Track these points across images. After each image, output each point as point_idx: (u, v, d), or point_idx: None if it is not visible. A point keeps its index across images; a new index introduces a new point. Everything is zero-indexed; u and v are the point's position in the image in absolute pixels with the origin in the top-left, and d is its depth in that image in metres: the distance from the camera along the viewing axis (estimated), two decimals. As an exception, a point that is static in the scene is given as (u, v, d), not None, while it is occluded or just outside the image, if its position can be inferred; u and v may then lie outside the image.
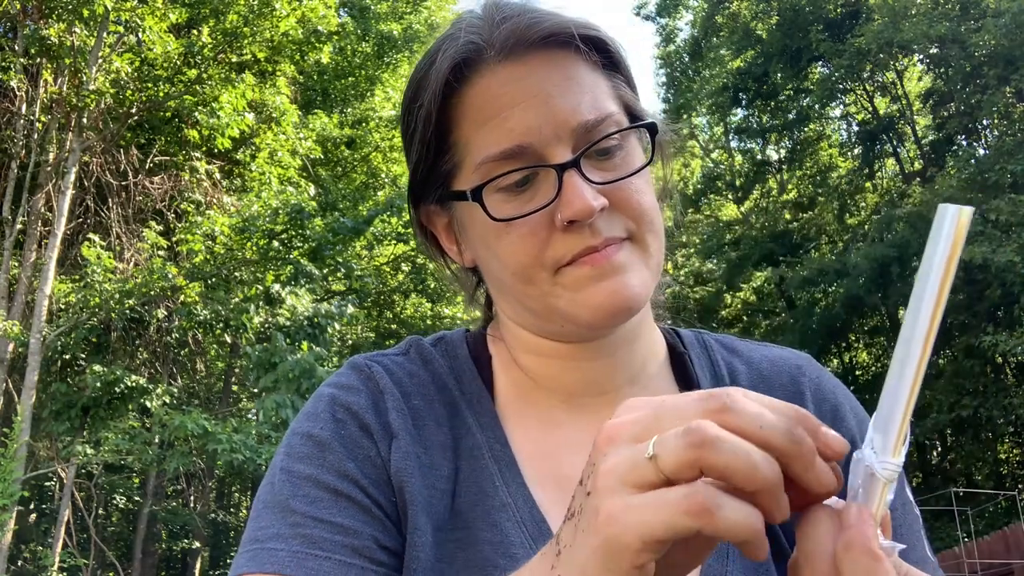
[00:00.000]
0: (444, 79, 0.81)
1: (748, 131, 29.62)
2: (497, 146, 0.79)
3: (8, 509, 11.50)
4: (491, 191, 0.79)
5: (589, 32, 0.82)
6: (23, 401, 12.95)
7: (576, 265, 0.78)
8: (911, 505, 0.87)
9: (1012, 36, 19.74)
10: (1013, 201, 18.07)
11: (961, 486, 21.55)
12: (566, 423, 0.87)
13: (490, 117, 0.79)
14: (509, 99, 0.79)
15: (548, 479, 0.83)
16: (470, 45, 0.81)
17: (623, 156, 0.81)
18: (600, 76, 0.83)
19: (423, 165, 0.86)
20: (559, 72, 0.80)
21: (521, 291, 0.82)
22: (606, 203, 0.78)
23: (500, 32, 0.81)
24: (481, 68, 0.81)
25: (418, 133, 0.84)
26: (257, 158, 16.42)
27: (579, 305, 0.79)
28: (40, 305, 13.60)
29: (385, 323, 22.14)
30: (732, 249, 27.89)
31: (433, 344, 0.93)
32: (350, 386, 0.86)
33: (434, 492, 0.81)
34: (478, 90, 0.81)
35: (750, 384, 0.91)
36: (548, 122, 0.78)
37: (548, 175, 0.78)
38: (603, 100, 0.81)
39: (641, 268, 0.80)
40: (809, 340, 23.45)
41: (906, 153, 27.41)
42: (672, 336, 0.96)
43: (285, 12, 14.59)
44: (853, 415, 0.91)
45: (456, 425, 0.85)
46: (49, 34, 13.64)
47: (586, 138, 0.79)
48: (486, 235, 0.82)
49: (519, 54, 0.80)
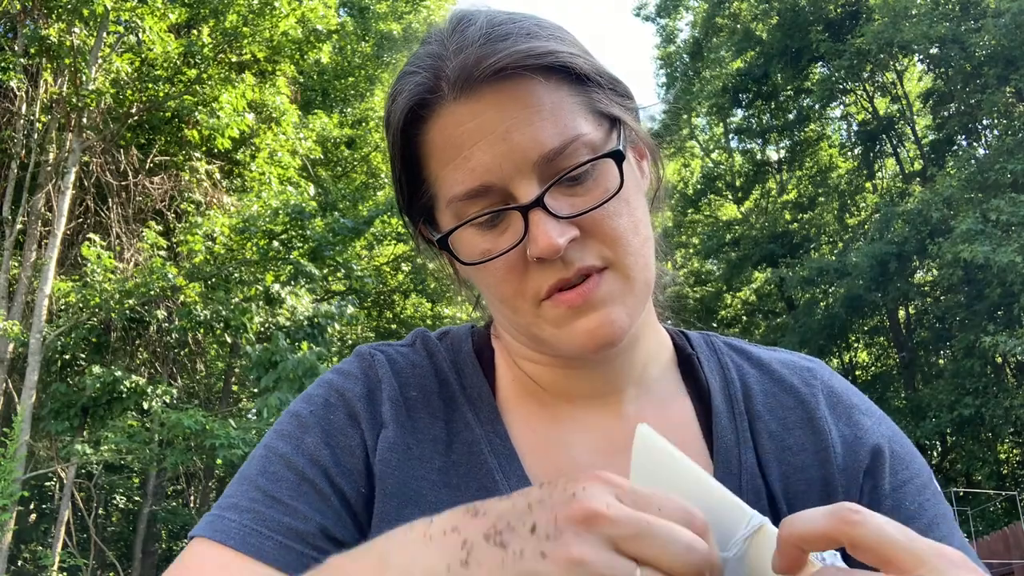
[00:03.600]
0: (402, 123, 0.81)
1: (748, 131, 29.61)
2: (462, 185, 0.78)
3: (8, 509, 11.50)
4: (462, 230, 0.79)
5: (544, 61, 0.78)
6: (23, 401, 12.95)
7: (553, 301, 0.78)
8: (940, 496, 0.88)
9: (1012, 36, 19.73)
10: (1013, 200, 18.06)
11: (961, 486, 21.54)
12: (568, 419, 0.87)
13: (452, 157, 0.78)
14: (468, 137, 0.77)
15: (550, 473, 0.83)
16: (424, 85, 0.79)
17: (595, 179, 0.78)
18: (564, 94, 0.79)
19: (403, 195, 0.86)
20: (516, 103, 0.77)
21: (508, 317, 0.83)
22: (576, 234, 0.76)
23: (453, 67, 0.78)
24: (438, 108, 0.79)
25: (395, 165, 0.85)
26: (257, 158, 16.41)
27: (560, 340, 0.79)
28: (40, 305, 13.60)
29: (385, 323, 22.15)
30: (732, 249, 27.89)
31: (439, 338, 0.93)
32: (349, 373, 0.87)
33: (423, 484, 0.81)
34: (438, 129, 0.79)
35: (762, 387, 0.90)
36: (508, 159, 0.76)
37: (514, 213, 0.77)
38: (568, 122, 0.78)
39: (623, 297, 0.79)
40: (809, 340, 23.43)
41: (906, 153, 27.41)
42: (680, 338, 0.95)
43: (285, 12, 14.59)
44: (867, 415, 0.91)
45: (453, 420, 0.86)
46: (49, 34, 13.64)
47: (551, 168, 0.77)
48: (467, 270, 0.83)
49: (473, 89, 0.78)
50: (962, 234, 17.99)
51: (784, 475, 0.84)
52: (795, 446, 0.86)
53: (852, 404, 0.90)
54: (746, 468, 0.84)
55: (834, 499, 0.83)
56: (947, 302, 23.27)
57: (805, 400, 0.89)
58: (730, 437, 0.86)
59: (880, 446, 0.87)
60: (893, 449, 0.88)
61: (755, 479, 0.84)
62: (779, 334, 25.36)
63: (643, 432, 0.62)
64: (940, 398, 20.87)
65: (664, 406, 0.89)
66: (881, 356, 27.13)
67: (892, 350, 26.13)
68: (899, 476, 0.86)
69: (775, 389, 0.90)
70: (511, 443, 0.84)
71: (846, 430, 0.87)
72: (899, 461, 0.87)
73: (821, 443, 0.86)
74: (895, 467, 0.86)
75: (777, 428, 0.87)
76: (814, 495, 0.83)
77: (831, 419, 0.88)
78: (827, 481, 0.84)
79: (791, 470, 0.85)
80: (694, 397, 0.91)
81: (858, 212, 27.99)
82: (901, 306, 24.90)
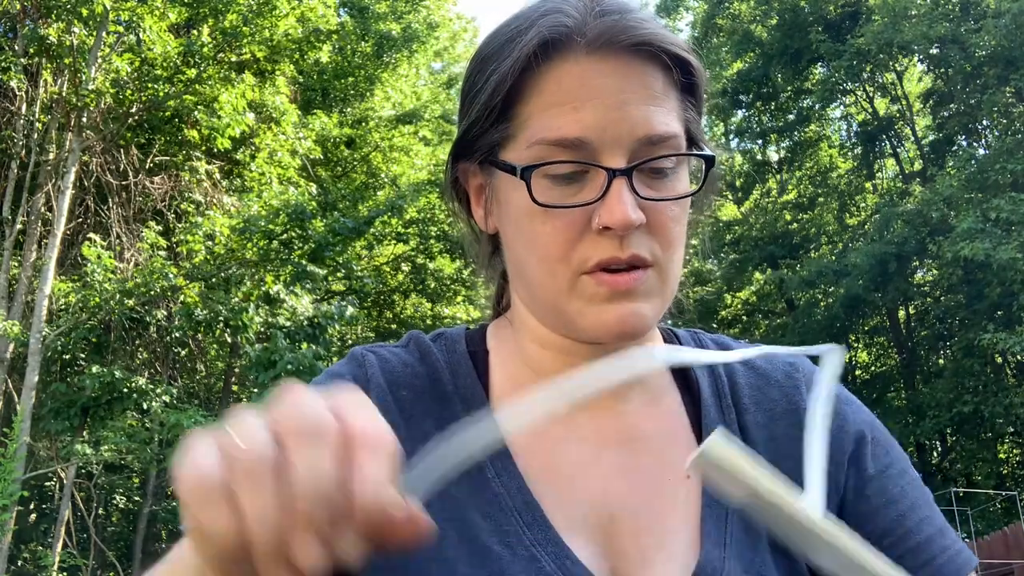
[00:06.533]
0: (531, 52, 0.80)
1: (748, 132, 29.62)
2: (559, 131, 0.78)
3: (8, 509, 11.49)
4: (538, 174, 0.79)
5: (679, 52, 0.81)
6: (23, 401, 12.95)
7: (595, 277, 0.79)
8: (919, 481, 0.90)
9: (1012, 36, 19.74)
10: (1014, 199, 18.07)
11: (961, 486, 21.53)
12: (562, 417, 0.87)
13: (562, 102, 0.79)
14: (584, 92, 0.78)
15: (543, 470, 0.83)
16: (563, 28, 0.80)
17: (673, 181, 0.81)
18: (675, 95, 0.82)
19: (477, 128, 0.85)
20: (640, 80, 0.79)
21: (540, 280, 0.82)
22: (644, 219, 0.78)
23: (595, 25, 0.80)
24: (567, 53, 0.80)
25: (483, 95, 0.83)
26: (257, 158, 16.41)
27: (587, 318, 0.80)
28: (40, 305, 13.60)
29: (385, 323, 22.14)
30: (732, 250, 27.90)
31: (433, 340, 0.93)
32: (338, 373, 0.88)
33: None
34: (558, 73, 0.80)
35: (747, 381, 0.92)
36: (614, 126, 0.77)
37: (597, 176, 0.78)
38: (672, 120, 0.80)
39: (656, 298, 0.81)
40: (809, 340, 23.42)
41: (906, 153, 27.41)
42: (669, 335, 0.97)
43: (285, 11, 14.59)
44: (848, 404, 0.92)
45: (445, 419, 0.86)
46: (48, 34, 13.63)
47: (646, 151, 0.78)
48: (520, 215, 0.82)
49: (607, 51, 0.79)
50: (962, 233, 18.00)
51: (772, 464, 0.85)
52: (781, 436, 0.88)
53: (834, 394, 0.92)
54: None
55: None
56: (947, 302, 23.28)
57: (789, 392, 0.91)
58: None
59: (863, 432, 0.89)
60: (874, 436, 0.90)
61: None
62: (779, 334, 25.37)
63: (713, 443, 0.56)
64: (939, 397, 20.88)
65: (655, 401, 0.90)
66: (881, 356, 27.13)
67: (892, 350, 26.13)
68: (881, 461, 0.88)
69: (760, 383, 0.92)
70: (504, 441, 0.84)
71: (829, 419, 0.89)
72: (880, 447, 0.89)
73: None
74: (877, 453, 0.89)
75: (764, 419, 0.89)
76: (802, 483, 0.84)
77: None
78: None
79: (779, 459, 0.85)
80: (683, 391, 0.92)
81: (858, 212, 27.99)
82: (901, 306, 24.90)
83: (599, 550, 0.79)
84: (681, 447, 0.87)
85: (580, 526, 0.80)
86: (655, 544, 0.80)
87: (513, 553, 0.77)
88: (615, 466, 0.84)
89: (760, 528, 0.82)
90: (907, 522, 0.84)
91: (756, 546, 0.82)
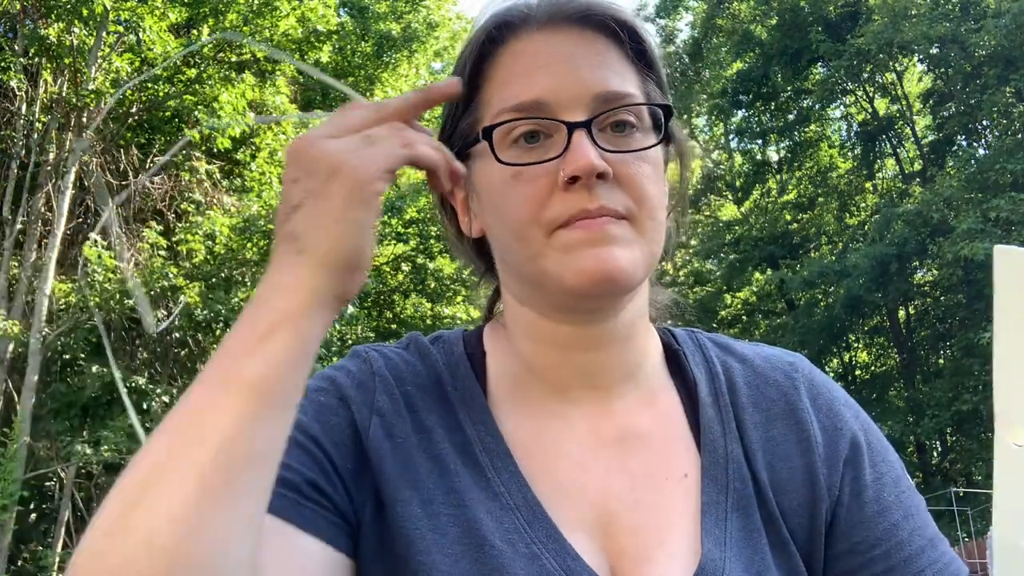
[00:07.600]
0: (484, 39, 0.84)
1: (748, 132, 29.63)
2: (516, 98, 0.81)
3: (8, 509, 11.51)
4: (502, 140, 0.81)
5: (625, 19, 0.84)
6: (23, 401, 12.96)
7: (569, 228, 0.79)
8: (913, 488, 0.90)
9: (1012, 36, 19.75)
10: (1014, 199, 18.09)
11: (961, 486, 21.54)
12: (559, 416, 0.87)
13: (517, 74, 0.82)
14: (539, 59, 0.82)
15: (542, 469, 0.84)
16: (513, 11, 0.84)
17: (637, 138, 0.82)
18: (630, 67, 0.84)
19: (450, 122, 0.88)
20: (590, 48, 0.83)
21: (517, 251, 0.83)
22: (609, 169, 0.78)
23: (543, 4, 0.84)
24: (519, 33, 0.84)
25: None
26: (257, 158, 16.42)
27: (565, 267, 0.79)
28: (40, 305, 13.61)
29: (385, 323, 22.13)
30: (732, 250, 27.91)
31: (431, 342, 0.94)
32: (343, 367, 0.89)
33: (421, 470, 0.82)
34: (512, 52, 0.83)
35: (745, 380, 0.92)
36: (568, 87, 0.80)
37: (559, 133, 0.80)
38: (628, 84, 0.83)
39: (634, 247, 0.80)
40: (809, 340, 23.45)
41: (906, 153, 27.42)
42: (666, 335, 0.97)
43: (285, 12, 14.60)
44: (846, 407, 0.92)
45: (446, 419, 0.86)
46: (48, 34, 13.64)
47: (604, 107, 0.80)
48: (492, 192, 0.83)
49: (556, 25, 0.83)
50: (963, 233, 18.01)
51: (769, 464, 0.86)
52: (779, 436, 0.88)
53: (832, 397, 0.92)
54: (732, 458, 0.86)
55: (817, 487, 0.85)
56: (947, 302, 23.29)
57: (787, 393, 0.91)
58: (716, 428, 0.88)
59: (859, 437, 0.89)
60: (870, 441, 0.90)
61: (741, 468, 0.86)
62: (779, 334, 25.38)
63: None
64: (939, 396, 20.90)
65: (652, 400, 0.90)
66: (881, 356, 27.14)
67: (892, 350, 26.14)
68: (878, 468, 0.88)
69: (758, 382, 0.92)
70: (503, 441, 0.85)
71: (826, 421, 0.89)
72: (876, 453, 0.89)
73: (803, 433, 0.88)
74: (873, 459, 0.89)
75: (761, 419, 0.89)
76: (798, 483, 0.85)
77: (812, 411, 0.90)
78: (810, 470, 0.86)
79: (776, 459, 0.87)
80: (681, 390, 0.92)
81: (858, 212, 28.00)
82: (901, 306, 24.91)
83: (599, 548, 0.80)
84: (679, 446, 0.87)
85: (580, 524, 0.81)
86: (655, 542, 0.81)
87: (515, 550, 0.77)
88: (614, 465, 0.85)
89: (759, 527, 0.82)
90: (900, 532, 0.84)
91: (756, 545, 0.82)
